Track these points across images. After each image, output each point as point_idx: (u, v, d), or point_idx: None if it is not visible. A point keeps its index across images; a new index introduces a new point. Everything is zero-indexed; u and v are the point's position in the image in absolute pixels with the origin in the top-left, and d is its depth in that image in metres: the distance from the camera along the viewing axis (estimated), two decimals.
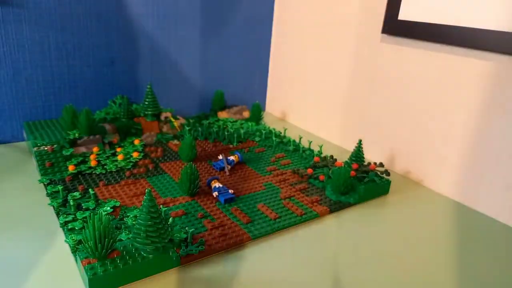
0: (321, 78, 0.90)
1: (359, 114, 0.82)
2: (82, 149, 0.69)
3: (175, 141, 0.80)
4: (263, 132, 0.85)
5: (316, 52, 0.90)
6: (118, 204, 0.55)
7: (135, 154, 0.71)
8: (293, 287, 0.43)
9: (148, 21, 0.85)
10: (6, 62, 0.73)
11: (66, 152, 0.67)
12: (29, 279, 0.41)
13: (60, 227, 0.50)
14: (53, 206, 0.54)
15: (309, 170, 0.66)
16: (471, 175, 0.64)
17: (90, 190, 0.56)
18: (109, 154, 0.70)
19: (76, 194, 0.56)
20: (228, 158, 0.70)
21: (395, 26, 0.70)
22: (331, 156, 0.71)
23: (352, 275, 0.45)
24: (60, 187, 0.56)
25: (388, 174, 0.66)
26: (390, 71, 0.74)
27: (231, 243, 0.48)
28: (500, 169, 0.60)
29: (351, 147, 0.84)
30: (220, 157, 0.70)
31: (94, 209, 0.53)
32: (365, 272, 0.46)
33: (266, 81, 1.08)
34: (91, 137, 0.71)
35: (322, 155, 0.73)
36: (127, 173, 0.64)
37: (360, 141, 0.65)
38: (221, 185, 0.60)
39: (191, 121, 0.85)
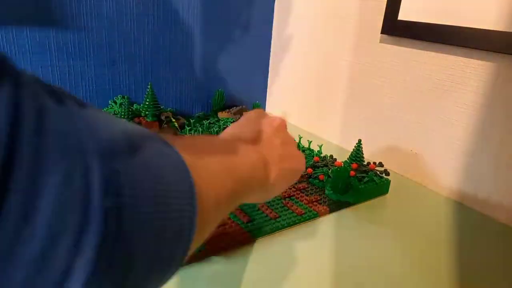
0: (321, 78, 0.90)
1: (359, 114, 0.82)
2: None
3: None
4: None
5: (316, 52, 0.90)
6: None
7: None
8: (293, 286, 0.43)
9: (149, 21, 0.85)
10: None
11: None
12: None
13: None
14: None
15: (309, 170, 0.66)
16: (471, 175, 0.64)
17: None
18: None
19: None
20: None
21: (394, 26, 0.70)
22: (331, 156, 0.72)
23: (352, 275, 0.46)
24: None
25: (387, 173, 0.66)
26: (390, 71, 0.74)
27: (232, 243, 0.49)
28: (500, 169, 0.60)
29: (350, 146, 0.84)
30: None
31: None
32: (364, 271, 0.46)
33: (266, 81, 1.09)
34: None
35: (322, 155, 0.74)
36: None
37: (360, 140, 0.66)
38: None
39: (191, 121, 0.85)
